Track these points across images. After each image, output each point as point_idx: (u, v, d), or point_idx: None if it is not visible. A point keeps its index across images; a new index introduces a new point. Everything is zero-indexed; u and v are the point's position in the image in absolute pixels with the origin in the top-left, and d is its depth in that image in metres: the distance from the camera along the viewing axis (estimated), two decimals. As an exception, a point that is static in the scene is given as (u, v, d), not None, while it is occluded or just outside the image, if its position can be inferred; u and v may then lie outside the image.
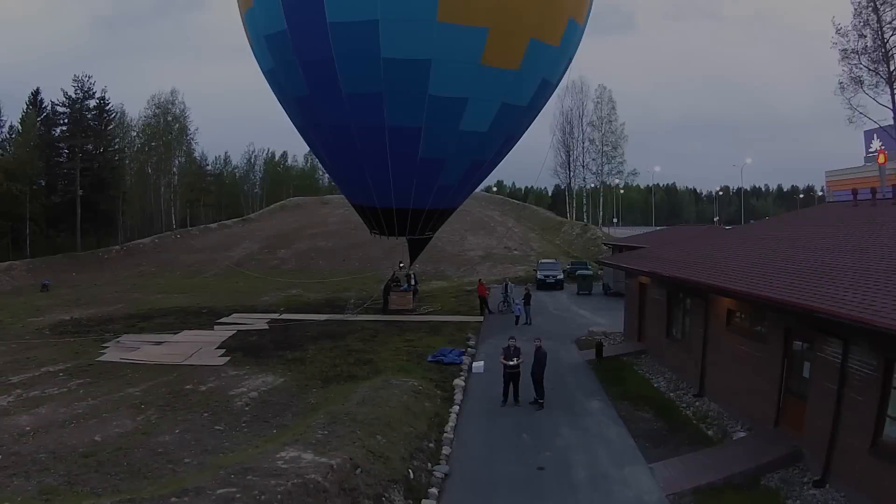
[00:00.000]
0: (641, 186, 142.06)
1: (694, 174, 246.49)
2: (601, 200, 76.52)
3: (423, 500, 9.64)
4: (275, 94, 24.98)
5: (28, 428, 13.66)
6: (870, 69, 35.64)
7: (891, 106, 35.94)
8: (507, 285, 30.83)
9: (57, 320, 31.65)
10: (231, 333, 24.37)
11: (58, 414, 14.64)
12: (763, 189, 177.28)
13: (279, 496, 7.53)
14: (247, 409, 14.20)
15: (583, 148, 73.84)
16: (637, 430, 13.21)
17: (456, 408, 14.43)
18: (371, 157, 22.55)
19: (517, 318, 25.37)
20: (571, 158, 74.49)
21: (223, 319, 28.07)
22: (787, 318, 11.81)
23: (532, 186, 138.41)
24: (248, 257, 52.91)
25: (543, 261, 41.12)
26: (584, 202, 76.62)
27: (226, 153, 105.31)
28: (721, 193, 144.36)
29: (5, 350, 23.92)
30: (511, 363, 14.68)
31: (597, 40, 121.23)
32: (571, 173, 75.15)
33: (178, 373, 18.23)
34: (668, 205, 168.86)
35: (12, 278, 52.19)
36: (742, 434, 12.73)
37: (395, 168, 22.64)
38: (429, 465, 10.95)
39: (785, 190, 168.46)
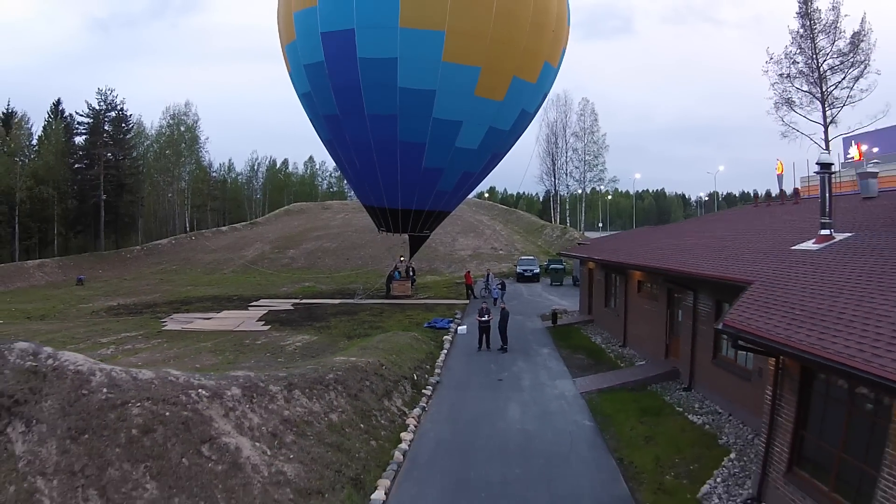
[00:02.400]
0: (630, 192, 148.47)
1: (686, 178, 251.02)
2: (583, 206, 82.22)
3: (423, 390, 15.30)
4: (307, 112, 30.43)
5: (140, 364, 19.11)
6: (801, 90, 41.47)
7: (822, 122, 41.82)
8: (488, 275, 36.54)
9: (106, 306, 36.99)
10: (265, 312, 29.97)
11: (156, 357, 20.13)
12: (751, 194, 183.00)
13: (342, 369, 13.15)
14: (297, 351, 19.81)
15: (566, 157, 79.64)
16: (571, 363, 18.92)
17: (445, 351, 20.15)
18: (385, 166, 28.11)
19: (495, 300, 31.03)
20: (557, 167, 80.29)
21: (253, 303, 33.61)
22: (668, 282, 17.53)
23: (523, 192, 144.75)
24: (261, 256, 58.35)
25: (523, 258, 47.05)
26: (566, 207, 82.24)
27: (230, 160, 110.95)
28: (707, 199, 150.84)
29: (74, 325, 29.33)
30: (483, 319, 20.49)
31: (594, 44, 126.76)
32: (556, 180, 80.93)
33: (234, 335, 23.79)
34: (657, 209, 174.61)
35: (45, 274, 57.52)
36: (642, 363, 18.45)
37: (403, 175, 28.25)
38: (426, 376, 16.60)
39: (774, 195, 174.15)
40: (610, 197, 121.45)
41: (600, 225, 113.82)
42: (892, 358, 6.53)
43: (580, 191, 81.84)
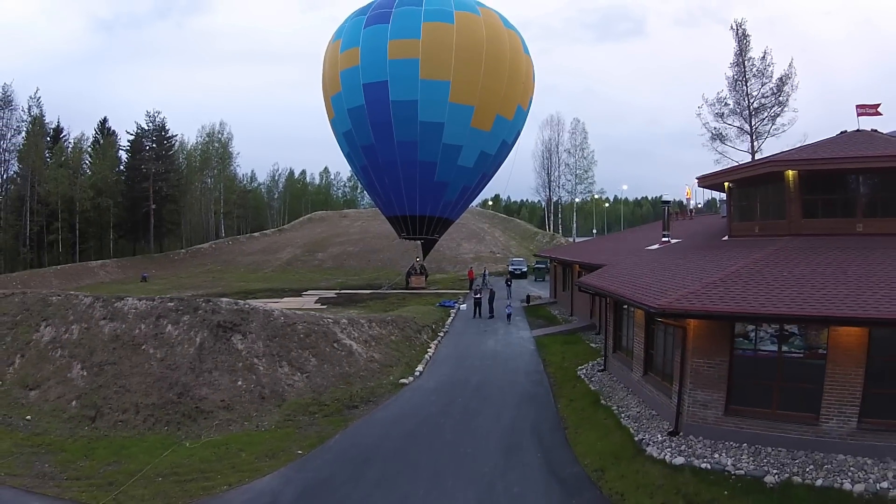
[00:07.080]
0: (628, 199, 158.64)
1: (689, 184, 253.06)
2: (574, 214, 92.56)
3: (438, 333, 25.69)
4: (345, 147, 40.26)
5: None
6: (733, 126, 51.51)
7: (749, 151, 51.86)
8: (485, 272, 46.98)
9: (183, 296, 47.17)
10: (316, 298, 40.31)
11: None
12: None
13: (394, 316, 23.55)
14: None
15: (559, 171, 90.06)
16: (532, 324, 29.30)
17: (451, 318, 30.52)
18: (408, 180, 38.19)
19: (489, 290, 41.39)
20: (551, 180, 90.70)
21: (304, 293, 43.94)
22: (586, 269, 27.82)
23: (526, 200, 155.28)
24: (294, 259, 68.80)
25: (514, 259, 57.59)
26: (559, 215, 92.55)
27: (252, 171, 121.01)
28: (701, 207, 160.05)
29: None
30: (476, 296, 30.96)
31: (606, 46, 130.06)
32: (550, 192, 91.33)
33: (302, 312, 34.07)
34: (654, 216, 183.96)
35: (107, 272, 67.60)
36: (575, 322, 28.81)
37: (421, 187, 38.33)
38: (440, 328, 27.00)
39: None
40: (607, 205, 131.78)
41: (594, 231, 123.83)
42: (650, 293, 16.72)
43: (577, 199, 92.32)
